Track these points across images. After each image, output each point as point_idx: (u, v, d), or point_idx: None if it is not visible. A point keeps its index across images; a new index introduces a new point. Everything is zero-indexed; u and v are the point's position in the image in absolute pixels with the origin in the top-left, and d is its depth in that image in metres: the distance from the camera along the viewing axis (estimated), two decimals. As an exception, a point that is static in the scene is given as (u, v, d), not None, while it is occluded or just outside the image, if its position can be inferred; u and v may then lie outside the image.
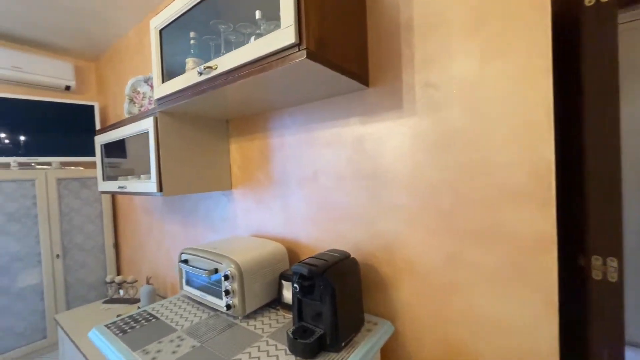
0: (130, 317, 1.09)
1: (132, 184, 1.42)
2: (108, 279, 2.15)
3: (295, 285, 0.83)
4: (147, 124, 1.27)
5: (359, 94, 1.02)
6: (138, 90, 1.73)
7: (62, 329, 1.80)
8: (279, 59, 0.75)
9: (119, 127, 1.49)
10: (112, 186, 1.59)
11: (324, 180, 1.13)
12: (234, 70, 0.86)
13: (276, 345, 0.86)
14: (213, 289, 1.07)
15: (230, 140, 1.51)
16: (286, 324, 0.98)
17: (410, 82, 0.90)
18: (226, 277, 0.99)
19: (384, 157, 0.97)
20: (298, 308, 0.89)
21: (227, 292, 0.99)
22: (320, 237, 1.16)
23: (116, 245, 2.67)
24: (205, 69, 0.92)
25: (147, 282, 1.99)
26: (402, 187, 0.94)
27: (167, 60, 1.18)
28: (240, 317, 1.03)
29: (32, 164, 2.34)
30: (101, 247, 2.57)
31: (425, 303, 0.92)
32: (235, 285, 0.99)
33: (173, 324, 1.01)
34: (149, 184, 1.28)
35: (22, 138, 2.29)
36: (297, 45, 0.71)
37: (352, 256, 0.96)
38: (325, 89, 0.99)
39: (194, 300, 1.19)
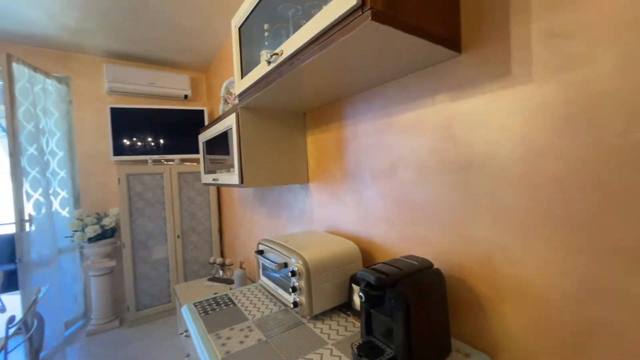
0: (214, 299, 1.17)
1: (222, 176, 1.55)
2: (211, 260, 2.48)
3: (361, 293, 0.71)
4: (230, 121, 1.35)
5: (448, 64, 0.81)
6: (231, 92, 1.89)
7: (177, 297, 2.16)
8: (341, 29, 0.64)
9: (212, 126, 1.65)
10: (209, 178, 1.78)
11: (403, 173, 0.97)
12: (297, 53, 0.80)
13: (340, 358, 0.76)
14: (284, 283, 1.05)
15: (307, 133, 1.48)
16: (355, 333, 0.87)
17: (523, 35, 0.65)
18: (293, 273, 0.95)
19: (482, 142, 0.75)
20: (366, 320, 0.77)
21: (294, 289, 0.95)
22: (397, 239, 1.01)
23: (220, 231, 3.06)
24: (272, 56, 0.89)
25: (240, 267, 2.20)
26: (510, 182, 0.70)
27: (246, 57, 1.21)
28: (307, 317, 0.97)
29: (162, 161, 2.89)
30: (209, 231, 2.99)
31: (544, 343, 0.67)
32: (303, 283, 0.94)
33: (246, 313, 1.04)
34: (233, 176, 1.37)
35: (155, 140, 2.85)
36: (359, 7, 0.58)
37: (435, 267, 0.77)
38: (404, 62, 0.83)
39: (268, 292, 1.21)
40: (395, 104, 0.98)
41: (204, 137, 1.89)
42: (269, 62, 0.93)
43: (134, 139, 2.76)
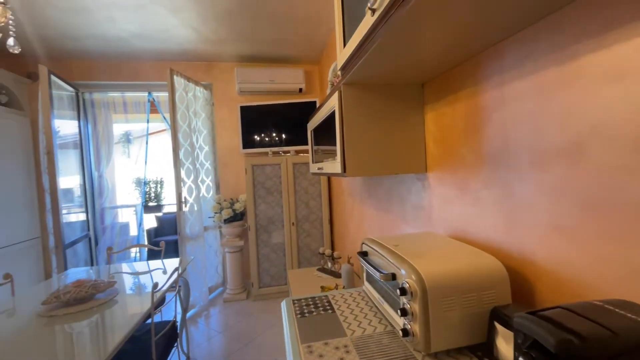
0: (313, 299, 1.06)
1: (327, 165, 1.43)
2: (320, 250, 2.47)
3: (521, 358, 0.41)
4: (333, 102, 1.19)
5: None
6: (338, 73, 1.75)
7: (288, 281, 2.24)
8: None
9: (318, 112, 1.55)
10: (315, 168, 1.71)
11: (600, 153, 0.56)
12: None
13: None
14: (393, 298, 0.83)
15: (425, 109, 1.17)
16: (500, 402, 0.56)
17: None
18: (403, 291, 0.70)
19: None
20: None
21: (404, 312, 0.71)
22: (584, 263, 0.61)
23: (331, 221, 3.06)
24: (375, 1, 0.66)
25: (348, 262, 2.08)
26: None
27: (350, 21, 1.02)
28: (422, 354, 0.72)
29: (280, 152, 3.09)
30: (321, 221, 3.03)
31: None
32: (416, 306, 0.68)
33: (345, 325, 0.87)
34: (336, 164, 1.22)
35: (274, 133, 3.07)
36: None
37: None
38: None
39: (372, 302, 1.00)
40: (587, 36, 0.57)
41: (311, 125, 1.84)
42: (373, 11, 0.70)
43: (257, 133, 3.05)
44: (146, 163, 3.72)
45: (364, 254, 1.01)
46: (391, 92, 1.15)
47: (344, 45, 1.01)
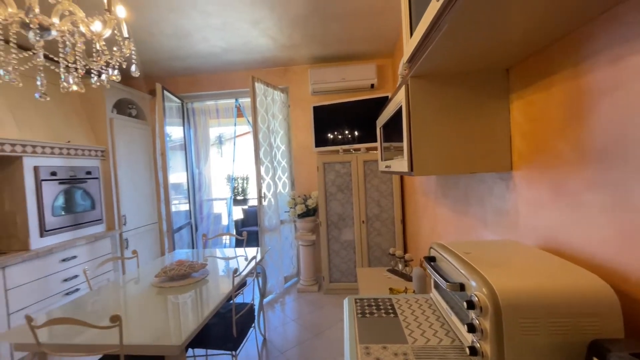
0: (375, 300, 1.04)
1: (394, 163, 1.38)
2: (391, 251, 2.39)
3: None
4: (400, 97, 1.14)
5: None
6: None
7: (357, 279, 2.24)
8: None
9: (386, 108, 1.50)
10: (383, 165, 1.66)
11: None
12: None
13: None
14: (462, 311, 0.75)
15: (511, 98, 1.01)
16: None
17: None
18: (470, 305, 0.63)
19: None
20: None
21: (471, 327, 0.64)
22: None
23: (403, 221, 2.93)
24: (442, -21, 0.60)
25: (420, 265, 1.96)
26: None
27: (418, 9, 0.95)
28: (494, 378, 0.63)
29: (351, 150, 3.10)
30: (392, 220, 2.93)
31: None
32: (487, 323, 0.60)
33: (407, 331, 0.83)
34: (403, 163, 1.16)
35: (344, 131, 3.09)
36: None
37: None
38: None
39: (439, 312, 0.92)
40: None
41: (380, 122, 1.79)
42: (439, -6, 0.64)
43: (329, 131, 3.13)
44: (234, 162, 4.21)
45: (431, 260, 0.94)
46: (467, 82, 1.03)
47: (411, 34, 0.95)
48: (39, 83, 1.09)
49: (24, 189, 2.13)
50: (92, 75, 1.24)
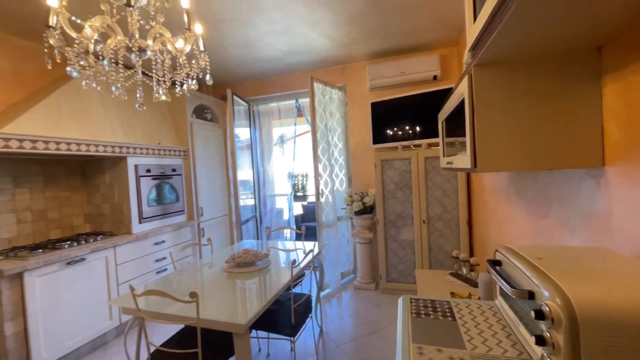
0: (432, 302, 1.00)
1: (456, 159, 1.29)
2: (454, 254, 2.23)
3: None
4: (462, 88, 1.06)
5: None
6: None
7: (415, 281, 2.16)
8: None
9: (448, 100, 1.41)
10: (444, 162, 1.57)
11: None
12: None
13: None
14: (532, 322, 0.68)
15: (604, 81, 0.86)
16: None
17: None
18: (539, 315, 0.57)
19: None
20: None
21: (541, 340, 0.58)
22: None
23: (470, 222, 2.71)
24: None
25: (488, 270, 1.80)
26: None
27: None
28: (569, 400, 0.56)
29: (411, 146, 2.98)
30: (456, 221, 2.73)
31: None
32: (560, 338, 0.54)
33: (465, 337, 0.78)
34: (465, 159, 1.08)
35: (404, 127, 2.98)
36: None
37: None
38: None
39: (505, 320, 0.85)
40: None
41: (441, 115, 1.69)
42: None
43: (387, 127, 3.05)
44: (294, 160, 4.41)
45: (495, 263, 0.86)
46: (543, 66, 0.91)
47: (474, 19, 0.88)
48: (138, 95, 1.32)
49: (128, 183, 2.59)
50: (176, 86, 1.45)
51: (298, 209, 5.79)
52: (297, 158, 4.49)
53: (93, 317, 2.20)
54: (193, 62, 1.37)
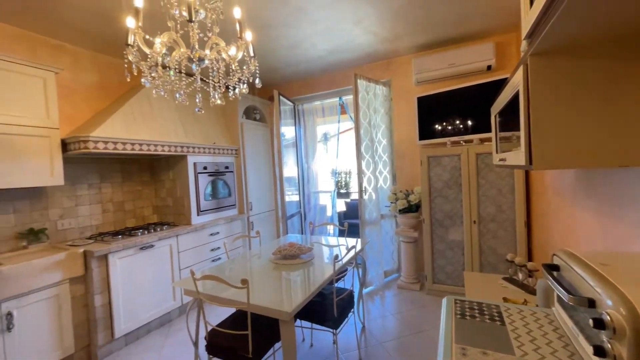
0: (479, 304, 0.96)
1: (510, 156, 1.21)
2: (509, 257, 2.07)
3: None
4: (517, 80, 0.99)
5: None
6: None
7: (463, 284, 2.05)
8: None
9: (502, 93, 1.31)
10: (497, 159, 1.47)
11: None
12: None
13: None
14: (590, 330, 0.63)
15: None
16: None
17: None
18: (599, 324, 0.53)
19: None
20: None
21: (600, 351, 0.53)
22: None
23: (528, 224, 2.48)
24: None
25: (543, 276, 1.64)
26: None
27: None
28: (634, 418, 0.51)
29: (461, 142, 2.82)
30: (512, 222, 2.52)
31: None
32: (623, 351, 0.50)
33: (515, 344, 0.75)
34: (520, 154, 1.01)
35: (453, 121, 2.82)
36: None
37: None
38: None
39: (562, 329, 0.78)
40: None
41: (495, 109, 1.58)
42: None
43: (434, 122, 2.92)
44: (337, 157, 4.45)
45: (552, 268, 0.80)
46: (614, 48, 0.81)
47: (531, 4, 0.82)
48: (197, 100, 1.48)
49: (188, 179, 2.88)
50: (229, 90, 1.58)
51: (341, 205, 5.82)
52: (341, 155, 4.52)
53: (160, 297, 2.51)
54: (244, 67, 1.48)
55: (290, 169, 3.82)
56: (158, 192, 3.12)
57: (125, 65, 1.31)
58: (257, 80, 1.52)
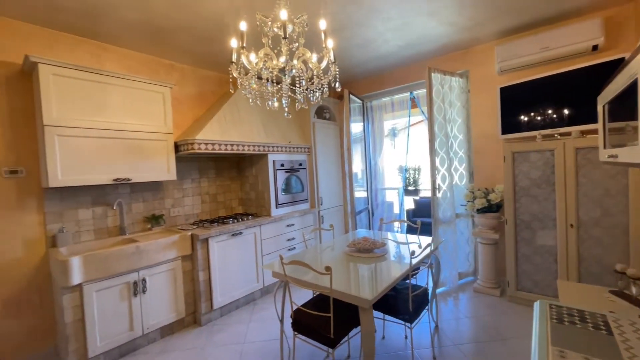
0: (581, 312, 0.91)
1: (623, 152, 1.08)
2: (618, 268, 1.79)
3: None
4: (635, 66, 0.88)
5: None
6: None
7: (558, 294, 1.85)
8: None
9: (614, 79, 1.17)
10: (605, 155, 1.30)
11: None
12: None
13: None
14: None
15: None
16: None
17: None
18: None
19: None
20: None
21: None
22: None
23: (647, 231, 2.09)
24: None
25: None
26: None
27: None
28: None
29: (555, 135, 2.50)
30: (623, 227, 2.16)
31: None
32: None
33: (626, 354, 0.70)
34: (635, 150, 0.91)
35: (546, 112, 2.52)
36: None
37: None
38: None
39: (693, 348, 0.70)
40: None
41: (603, 97, 1.40)
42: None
43: (521, 114, 2.65)
44: (407, 153, 4.35)
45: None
46: None
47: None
48: (285, 106, 1.67)
49: (268, 175, 3.20)
50: (312, 94, 1.74)
51: (409, 203, 5.67)
52: (410, 151, 4.41)
53: (246, 279, 2.87)
54: (328, 73, 1.61)
55: (357, 165, 3.89)
56: (243, 186, 3.54)
57: (230, 80, 1.55)
58: (337, 84, 1.63)
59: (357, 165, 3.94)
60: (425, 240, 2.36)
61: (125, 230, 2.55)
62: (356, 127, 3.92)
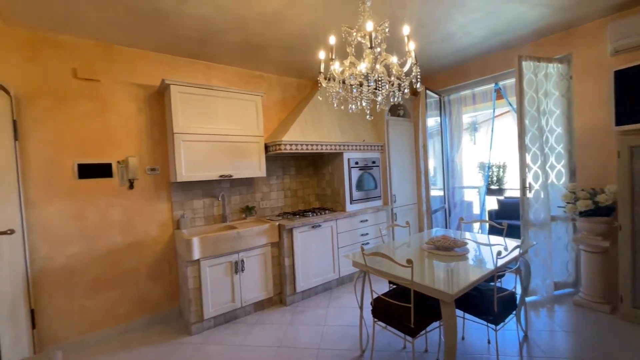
0: None
1: None
2: None
3: None
4: None
5: None
6: None
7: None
8: None
9: None
10: None
11: None
12: None
13: None
14: None
15: None
16: None
17: None
18: None
19: None
20: None
21: None
22: None
23: None
24: None
25: None
26: None
27: None
28: None
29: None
30: None
31: None
32: None
33: None
34: None
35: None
36: None
37: None
38: None
39: None
40: None
41: None
42: None
43: (644, 101, 2.23)
44: (490, 148, 4.02)
45: None
46: None
47: None
48: (367, 109, 1.79)
49: (343, 172, 3.38)
50: (393, 95, 1.82)
51: (491, 203, 5.20)
52: (494, 146, 4.06)
53: (324, 268, 3.11)
54: (411, 75, 1.68)
55: (432, 162, 3.78)
56: (319, 182, 3.80)
57: (319, 89, 1.75)
58: (418, 85, 1.69)
59: (432, 162, 3.82)
60: (511, 243, 2.21)
61: (227, 218, 3.04)
62: (431, 121, 3.80)
